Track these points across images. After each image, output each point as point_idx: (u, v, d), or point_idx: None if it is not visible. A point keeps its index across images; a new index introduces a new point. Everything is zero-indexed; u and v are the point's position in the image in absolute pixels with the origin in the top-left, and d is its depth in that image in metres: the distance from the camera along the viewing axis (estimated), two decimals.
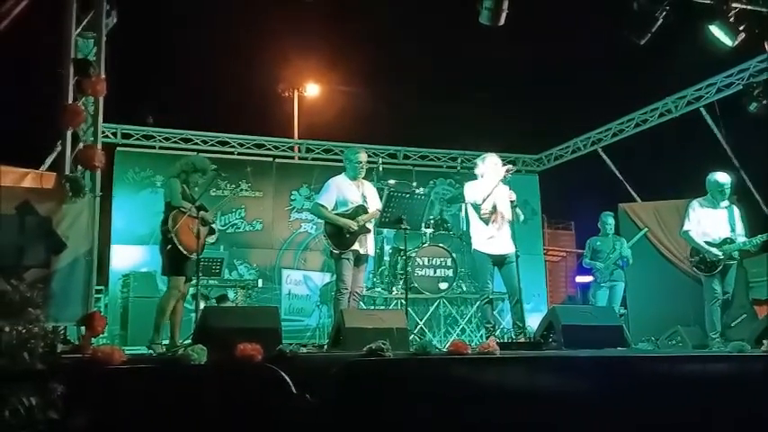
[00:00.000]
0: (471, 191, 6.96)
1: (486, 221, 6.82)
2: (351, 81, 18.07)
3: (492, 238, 6.83)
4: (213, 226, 6.60)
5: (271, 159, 11.54)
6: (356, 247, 6.61)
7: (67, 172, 5.75)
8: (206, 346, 4.08)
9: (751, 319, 8.80)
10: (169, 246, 6.14)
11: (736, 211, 7.30)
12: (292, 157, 11.95)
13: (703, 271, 7.08)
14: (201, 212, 6.30)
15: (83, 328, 5.46)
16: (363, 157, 6.88)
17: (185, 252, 6.14)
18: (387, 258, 9.31)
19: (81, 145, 5.89)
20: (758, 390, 4.77)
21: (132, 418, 3.62)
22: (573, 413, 4.33)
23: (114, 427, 3.57)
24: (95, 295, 8.08)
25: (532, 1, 7.67)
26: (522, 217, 7.01)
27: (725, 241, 7.04)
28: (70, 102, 5.80)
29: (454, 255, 9.26)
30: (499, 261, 6.85)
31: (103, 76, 5.96)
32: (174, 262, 6.21)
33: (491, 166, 6.97)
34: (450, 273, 9.13)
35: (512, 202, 6.83)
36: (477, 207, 6.87)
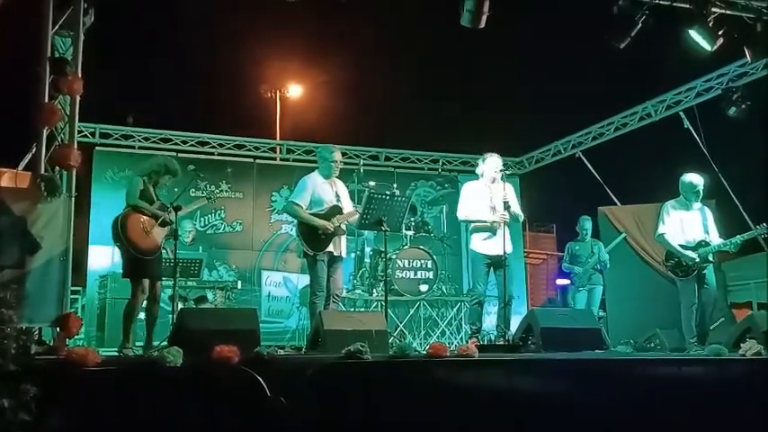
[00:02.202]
0: (465, 202, 7.01)
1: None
2: (333, 83, 18.10)
3: (489, 238, 6.83)
4: (181, 230, 6.46)
5: (251, 160, 11.48)
6: (330, 248, 6.51)
7: (43, 171, 5.67)
8: (182, 348, 4.04)
9: (729, 322, 8.87)
10: (118, 244, 6.06)
11: (708, 212, 7.22)
12: (273, 158, 11.91)
13: (679, 275, 6.99)
14: (165, 214, 6.16)
15: (58, 329, 5.39)
16: (338, 155, 6.79)
17: (135, 253, 5.99)
18: (367, 260, 9.29)
19: (56, 144, 5.82)
20: (735, 393, 4.81)
21: (106, 420, 3.58)
22: (551, 415, 4.34)
23: (88, 430, 3.52)
24: (73, 296, 8.04)
25: (515, 5, 7.69)
26: (521, 217, 7.05)
27: (700, 244, 6.97)
28: (46, 101, 5.73)
29: (435, 257, 9.26)
30: (496, 262, 6.83)
31: (80, 74, 5.89)
32: (131, 264, 6.05)
33: (490, 166, 6.98)
34: (430, 275, 9.13)
35: (505, 203, 6.78)
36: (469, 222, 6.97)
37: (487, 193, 6.93)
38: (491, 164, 6.99)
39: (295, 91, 18.69)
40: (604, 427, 4.41)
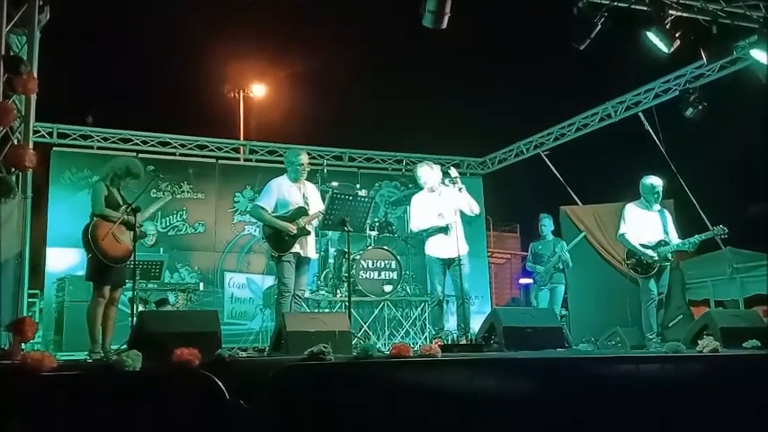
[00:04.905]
0: (414, 216, 7.19)
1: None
2: (297, 83, 18.05)
3: (442, 242, 6.93)
4: (145, 230, 6.41)
5: (213, 161, 11.37)
6: (296, 249, 6.56)
7: None
8: (142, 352, 3.97)
9: (687, 319, 9.04)
10: (90, 254, 6.00)
11: (668, 214, 7.49)
12: (236, 159, 11.81)
13: (639, 273, 7.23)
14: (126, 217, 6.08)
15: (12, 333, 5.26)
16: (304, 159, 6.83)
17: (107, 262, 5.96)
18: (331, 261, 9.26)
19: (11, 144, 5.69)
20: (692, 388, 4.88)
21: (63, 426, 3.50)
22: (514, 414, 4.36)
23: None
24: (30, 299, 7.85)
25: (477, 6, 7.72)
26: (477, 209, 7.12)
27: (659, 243, 7.22)
28: (0, 100, 5.60)
29: (399, 257, 9.26)
30: (450, 263, 6.89)
31: (36, 74, 5.76)
32: (96, 269, 6.01)
33: (427, 172, 7.11)
34: (394, 275, 9.13)
35: (459, 189, 6.87)
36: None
37: (431, 200, 7.09)
38: (424, 171, 7.17)
39: (258, 91, 18.59)
40: (566, 425, 4.44)
